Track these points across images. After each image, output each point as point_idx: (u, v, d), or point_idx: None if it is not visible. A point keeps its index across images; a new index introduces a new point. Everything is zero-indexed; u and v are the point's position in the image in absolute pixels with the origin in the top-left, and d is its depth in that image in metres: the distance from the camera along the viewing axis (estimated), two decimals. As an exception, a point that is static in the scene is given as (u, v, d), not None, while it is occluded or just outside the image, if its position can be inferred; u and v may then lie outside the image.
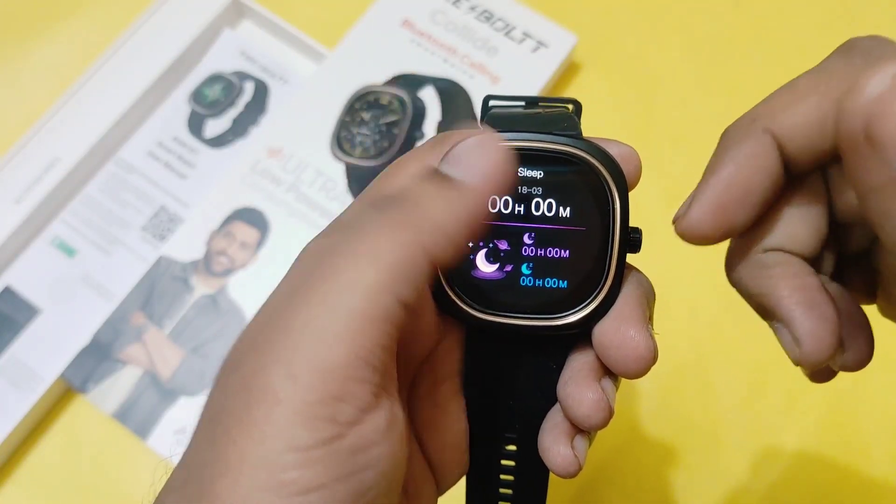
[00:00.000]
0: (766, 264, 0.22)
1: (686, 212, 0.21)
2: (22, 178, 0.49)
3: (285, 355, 0.18)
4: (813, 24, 0.56)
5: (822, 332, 0.21)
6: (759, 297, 0.22)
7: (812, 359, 0.21)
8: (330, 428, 0.18)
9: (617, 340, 0.22)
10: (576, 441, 0.24)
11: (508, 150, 0.20)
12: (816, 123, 0.20)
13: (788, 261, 0.22)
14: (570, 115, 0.24)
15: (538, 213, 0.23)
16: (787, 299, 0.21)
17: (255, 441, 0.18)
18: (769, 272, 0.21)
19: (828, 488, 0.44)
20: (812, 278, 0.21)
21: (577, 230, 0.23)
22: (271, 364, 0.18)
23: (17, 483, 0.44)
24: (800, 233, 0.22)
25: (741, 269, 0.22)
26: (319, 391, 0.18)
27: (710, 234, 0.21)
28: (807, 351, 0.21)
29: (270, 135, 0.51)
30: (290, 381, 0.18)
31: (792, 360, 0.21)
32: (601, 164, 0.22)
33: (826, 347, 0.21)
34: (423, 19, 0.54)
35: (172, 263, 0.48)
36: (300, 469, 0.18)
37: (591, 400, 0.23)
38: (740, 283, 0.23)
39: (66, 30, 0.56)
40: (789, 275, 0.21)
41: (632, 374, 0.22)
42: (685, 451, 0.45)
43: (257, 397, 0.18)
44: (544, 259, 0.23)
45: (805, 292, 0.21)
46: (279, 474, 0.18)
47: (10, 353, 0.46)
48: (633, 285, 0.24)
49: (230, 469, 0.18)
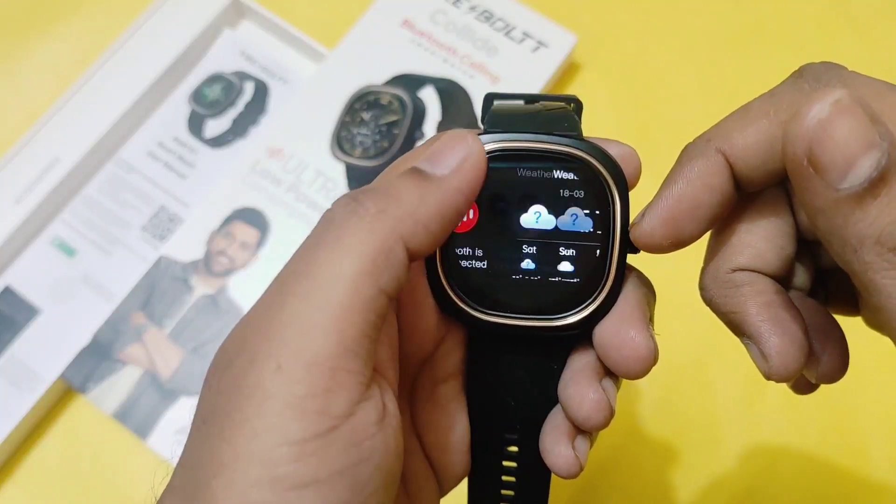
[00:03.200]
0: (734, 283, 0.22)
1: (639, 221, 0.22)
2: (22, 178, 0.49)
3: (273, 351, 0.19)
4: (813, 24, 0.56)
5: (789, 347, 0.21)
6: (730, 314, 0.22)
7: (779, 372, 0.21)
8: (322, 420, 0.18)
9: (618, 341, 0.23)
10: (577, 442, 0.24)
11: (477, 142, 0.21)
12: (765, 144, 0.21)
13: (756, 279, 0.22)
14: (571, 115, 0.24)
15: (538, 213, 0.23)
16: (754, 316, 0.22)
17: (248, 437, 0.18)
18: (738, 291, 0.22)
19: (827, 488, 0.44)
20: (779, 296, 0.22)
21: (578, 231, 0.23)
22: (260, 360, 0.19)
23: (17, 483, 0.44)
24: (766, 252, 0.23)
25: (712, 288, 0.23)
26: (308, 384, 0.18)
27: (659, 244, 0.22)
28: (773, 365, 0.21)
29: (270, 135, 0.51)
30: (278, 375, 0.18)
31: (762, 374, 0.22)
32: (601, 165, 0.23)
33: (792, 361, 0.21)
34: (423, 19, 0.54)
35: (172, 263, 0.48)
36: (294, 463, 0.18)
37: (592, 400, 0.23)
38: (712, 302, 0.23)
39: (66, 30, 0.56)
40: (756, 293, 0.22)
41: (632, 374, 0.23)
42: (684, 451, 0.45)
43: (248, 394, 0.18)
44: (545, 260, 0.23)
45: (771, 309, 0.22)
46: (273, 469, 0.18)
47: (10, 353, 0.46)
48: (634, 286, 0.24)
49: (225, 467, 0.18)
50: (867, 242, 0.17)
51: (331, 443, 0.18)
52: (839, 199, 0.17)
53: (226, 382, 0.19)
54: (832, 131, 0.17)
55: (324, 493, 0.18)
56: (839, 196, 0.17)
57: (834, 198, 0.17)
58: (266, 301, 0.20)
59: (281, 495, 0.18)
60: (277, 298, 0.20)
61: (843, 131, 0.17)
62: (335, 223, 0.20)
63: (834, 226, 0.17)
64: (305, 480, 0.18)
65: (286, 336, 0.19)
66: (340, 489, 0.18)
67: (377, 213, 0.20)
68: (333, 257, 0.19)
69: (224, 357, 0.20)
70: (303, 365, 0.18)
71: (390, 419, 0.20)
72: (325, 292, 0.19)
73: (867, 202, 0.17)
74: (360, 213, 0.20)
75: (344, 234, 0.20)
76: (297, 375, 0.18)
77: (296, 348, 0.18)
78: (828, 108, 0.17)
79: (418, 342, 0.25)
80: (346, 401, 0.19)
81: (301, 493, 0.18)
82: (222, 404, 0.19)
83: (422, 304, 0.24)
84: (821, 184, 0.17)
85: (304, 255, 0.20)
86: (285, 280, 0.20)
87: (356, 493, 0.19)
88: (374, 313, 0.19)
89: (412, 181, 0.21)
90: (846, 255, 0.18)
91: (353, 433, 0.19)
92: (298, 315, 0.19)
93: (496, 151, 0.23)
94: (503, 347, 0.25)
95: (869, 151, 0.16)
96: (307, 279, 0.19)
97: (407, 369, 0.25)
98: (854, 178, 0.17)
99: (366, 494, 0.19)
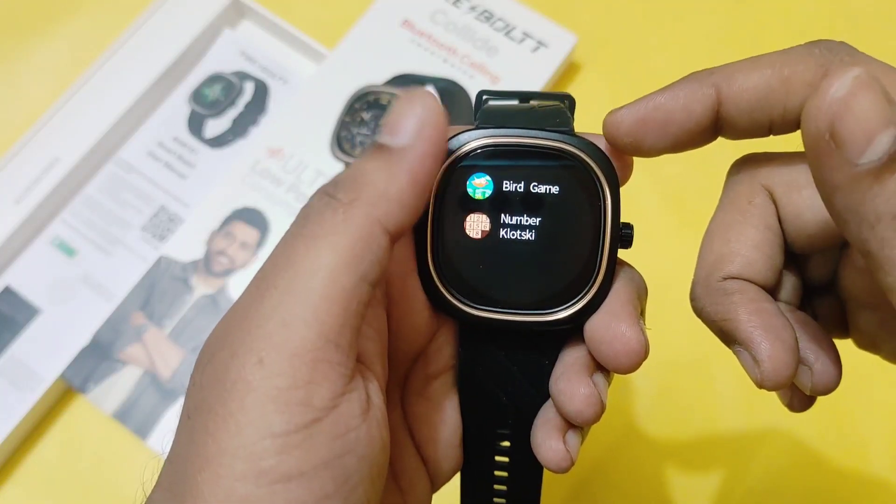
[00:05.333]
0: (725, 291, 0.23)
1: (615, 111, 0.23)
2: (22, 178, 0.49)
3: (255, 344, 0.19)
4: (813, 24, 0.56)
5: (780, 353, 0.21)
6: (720, 322, 0.23)
7: (772, 378, 0.21)
8: (305, 412, 0.18)
9: (608, 336, 0.23)
10: (568, 436, 0.24)
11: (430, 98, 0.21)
12: (762, 92, 0.21)
13: (747, 288, 0.23)
14: (563, 111, 0.24)
15: (529, 208, 0.23)
16: (745, 323, 0.22)
17: (232, 432, 0.18)
18: (729, 299, 0.22)
19: (826, 487, 0.44)
20: (769, 304, 0.22)
21: (569, 226, 0.23)
22: (242, 354, 0.19)
23: (17, 483, 0.44)
24: (756, 261, 0.23)
25: (703, 297, 0.23)
26: (290, 376, 0.18)
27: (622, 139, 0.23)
28: (765, 370, 0.21)
29: (270, 135, 0.51)
30: (260, 368, 0.18)
31: (754, 382, 0.22)
32: (593, 161, 0.23)
33: (783, 367, 0.21)
34: (423, 19, 0.54)
35: (172, 263, 0.48)
36: (278, 456, 0.18)
37: (583, 395, 0.23)
38: (703, 311, 0.23)
39: (66, 30, 0.56)
40: (747, 300, 0.22)
41: (623, 369, 0.23)
42: (682, 449, 0.45)
43: (230, 388, 0.18)
44: (535, 254, 0.23)
45: (763, 316, 0.22)
46: (257, 462, 0.18)
47: (10, 353, 0.46)
48: (625, 281, 0.24)
49: (210, 462, 0.18)
50: (885, 218, 0.17)
51: (314, 435, 0.18)
52: (858, 174, 0.17)
53: (208, 377, 0.19)
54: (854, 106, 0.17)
55: (309, 486, 0.18)
56: (858, 171, 0.17)
57: (853, 173, 0.17)
58: (247, 296, 0.20)
59: (266, 488, 0.18)
60: (257, 293, 0.20)
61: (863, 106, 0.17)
62: (311, 218, 0.20)
63: (852, 202, 0.17)
64: (290, 473, 0.18)
65: (267, 329, 0.19)
66: (325, 481, 0.18)
67: (350, 202, 0.20)
68: (311, 250, 0.19)
69: (207, 352, 0.20)
70: (284, 357, 0.18)
71: (374, 411, 0.20)
72: (305, 283, 0.19)
73: (885, 178, 0.17)
74: (334, 206, 0.20)
75: (320, 227, 0.20)
76: (278, 368, 0.18)
77: (277, 341, 0.18)
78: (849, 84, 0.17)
79: (410, 337, 0.25)
80: (329, 392, 0.19)
81: (286, 486, 0.18)
82: (206, 399, 0.19)
83: (413, 300, 0.24)
84: (841, 159, 0.17)
85: (283, 249, 0.20)
86: (265, 275, 0.20)
87: (341, 485, 0.19)
88: (356, 301, 0.19)
89: (377, 160, 0.21)
90: (863, 232, 0.18)
91: (337, 425, 0.19)
92: (279, 307, 0.19)
93: (487, 146, 0.23)
94: (494, 343, 0.25)
95: (888, 127, 0.17)
96: (286, 271, 0.19)
97: (399, 364, 0.25)
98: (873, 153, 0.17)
99: (350, 486, 0.19)
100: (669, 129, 0.22)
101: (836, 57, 0.21)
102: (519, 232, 0.23)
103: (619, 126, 0.22)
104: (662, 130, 0.22)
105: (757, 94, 0.21)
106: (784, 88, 0.21)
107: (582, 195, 0.23)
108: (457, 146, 0.23)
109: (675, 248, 0.24)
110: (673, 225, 0.50)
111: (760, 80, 0.21)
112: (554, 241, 0.23)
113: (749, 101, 0.22)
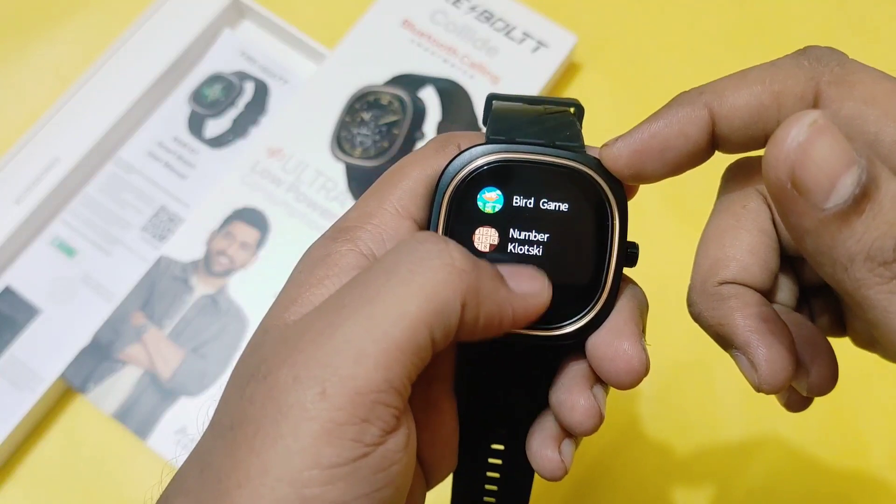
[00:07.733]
0: (722, 296, 0.23)
1: (612, 144, 0.23)
2: (22, 178, 0.49)
3: (321, 373, 0.19)
4: (813, 24, 0.56)
5: (777, 356, 0.21)
6: (718, 326, 0.23)
7: (769, 381, 0.21)
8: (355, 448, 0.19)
9: (610, 353, 0.23)
10: (563, 446, 0.24)
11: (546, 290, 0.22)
12: (753, 109, 0.21)
13: (743, 292, 0.23)
14: (573, 122, 0.24)
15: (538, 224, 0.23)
16: (742, 327, 0.22)
17: (280, 455, 0.18)
18: (725, 303, 0.23)
19: (827, 488, 0.44)
20: (765, 308, 0.22)
21: (576, 242, 0.23)
22: (305, 380, 0.19)
23: (17, 483, 0.44)
24: (751, 265, 0.23)
25: (700, 302, 0.23)
26: (349, 412, 0.18)
27: (622, 171, 0.23)
28: (763, 374, 0.22)
29: (270, 135, 0.51)
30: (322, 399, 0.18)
31: (752, 385, 0.22)
32: (602, 179, 0.23)
33: (781, 371, 0.21)
34: (423, 19, 0.54)
35: (172, 263, 0.48)
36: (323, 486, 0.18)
37: (584, 407, 0.23)
38: (700, 316, 0.23)
39: (66, 30, 0.56)
40: (743, 304, 0.22)
41: (623, 385, 0.23)
42: (684, 451, 0.45)
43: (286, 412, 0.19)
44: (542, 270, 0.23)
45: (759, 320, 0.22)
46: (301, 489, 0.18)
47: (10, 353, 0.46)
48: (628, 298, 0.24)
49: (251, 480, 0.18)
50: (857, 259, 0.17)
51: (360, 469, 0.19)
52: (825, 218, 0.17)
53: (262, 394, 0.19)
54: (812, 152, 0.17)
55: None
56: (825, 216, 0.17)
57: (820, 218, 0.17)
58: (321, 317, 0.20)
59: None
60: (335, 318, 0.20)
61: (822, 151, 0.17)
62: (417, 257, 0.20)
63: (822, 246, 0.17)
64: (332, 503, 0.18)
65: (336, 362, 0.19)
66: None
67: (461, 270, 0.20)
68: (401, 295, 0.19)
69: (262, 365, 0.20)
70: (348, 393, 0.18)
71: (413, 443, 0.21)
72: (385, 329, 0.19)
73: (853, 219, 0.17)
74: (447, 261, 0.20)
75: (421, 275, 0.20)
76: (339, 402, 0.18)
77: (344, 375, 0.19)
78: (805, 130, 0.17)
79: None
80: (379, 430, 0.19)
81: None
82: (254, 415, 0.19)
83: None
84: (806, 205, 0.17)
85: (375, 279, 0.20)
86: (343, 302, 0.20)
87: None
88: (420, 357, 0.20)
89: (496, 275, 0.22)
90: (837, 274, 0.18)
91: (383, 460, 0.19)
92: (352, 342, 0.19)
93: (497, 162, 0.23)
94: (495, 353, 0.25)
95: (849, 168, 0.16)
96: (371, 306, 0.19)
97: None
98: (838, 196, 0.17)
99: None
100: (668, 156, 0.22)
101: (826, 67, 0.21)
102: (527, 247, 0.23)
103: (618, 160, 0.22)
104: (661, 158, 0.22)
105: (749, 111, 0.21)
106: (776, 104, 0.21)
107: (590, 213, 0.23)
108: (469, 160, 0.23)
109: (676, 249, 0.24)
110: (673, 226, 0.50)
111: (751, 97, 0.21)
112: (561, 257, 0.23)
113: (742, 118, 0.22)
